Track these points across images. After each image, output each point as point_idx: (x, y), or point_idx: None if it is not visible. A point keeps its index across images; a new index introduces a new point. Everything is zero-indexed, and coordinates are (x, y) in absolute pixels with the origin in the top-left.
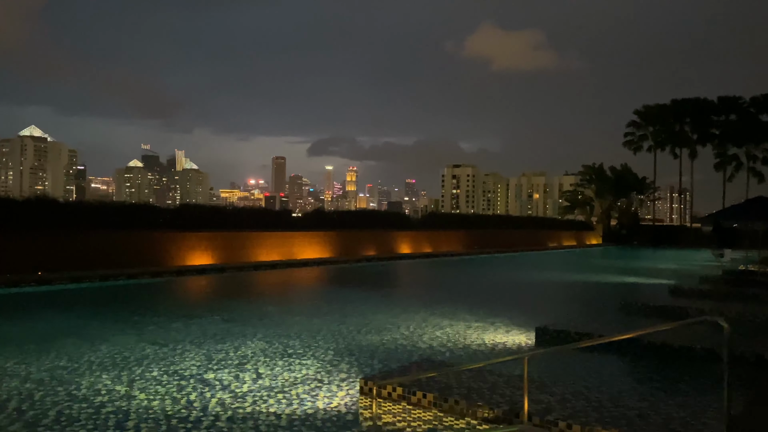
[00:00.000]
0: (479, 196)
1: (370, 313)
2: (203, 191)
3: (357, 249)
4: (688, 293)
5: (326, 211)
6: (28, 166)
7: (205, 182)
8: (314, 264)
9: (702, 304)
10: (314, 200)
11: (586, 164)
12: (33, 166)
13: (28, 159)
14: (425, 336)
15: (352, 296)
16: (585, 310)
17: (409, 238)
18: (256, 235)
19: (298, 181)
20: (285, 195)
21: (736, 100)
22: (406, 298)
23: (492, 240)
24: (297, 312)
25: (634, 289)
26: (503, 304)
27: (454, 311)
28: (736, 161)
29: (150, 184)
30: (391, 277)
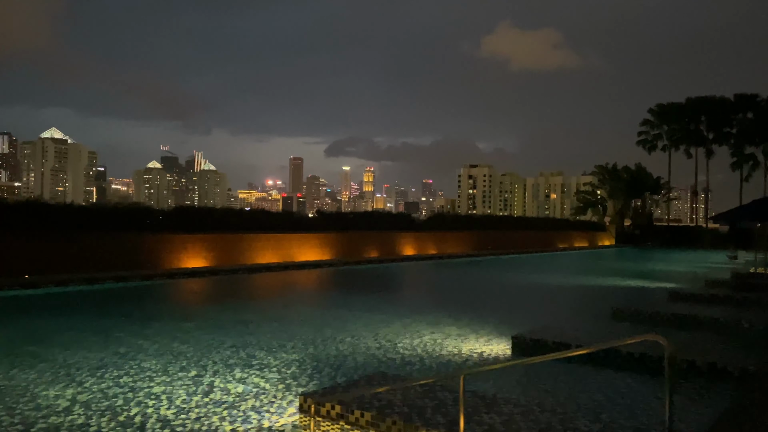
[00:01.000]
0: (496, 197)
1: (351, 320)
2: (221, 192)
3: (359, 251)
4: (688, 298)
5: (327, 213)
6: (49, 167)
7: (222, 183)
8: (312, 266)
9: (698, 310)
10: (331, 201)
11: (599, 164)
12: (54, 167)
13: (48, 161)
14: (400, 345)
15: (338, 301)
16: (575, 316)
17: (413, 239)
18: (253, 237)
19: (315, 181)
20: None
21: (754, 97)
22: (393, 304)
23: (500, 241)
24: (275, 318)
25: (635, 293)
26: (492, 310)
27: (438, 318)
28: (753, 160)
29: (169, 185)
30: (387, 280)
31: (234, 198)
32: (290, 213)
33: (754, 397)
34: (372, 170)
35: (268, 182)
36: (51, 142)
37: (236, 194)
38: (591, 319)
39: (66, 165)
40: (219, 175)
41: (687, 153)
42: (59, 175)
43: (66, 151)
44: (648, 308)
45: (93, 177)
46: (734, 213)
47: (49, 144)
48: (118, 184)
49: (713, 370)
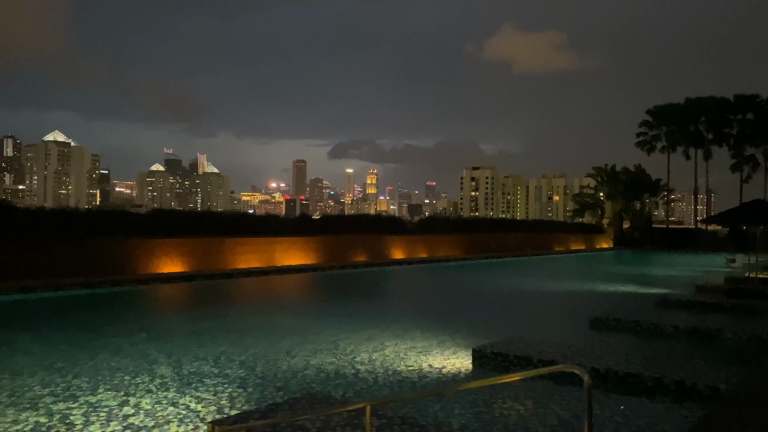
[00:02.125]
0: (498, 199)
1: (314, 331)
2: (224, 194)
3: (346, 255)
4: (675, 305)
5: (312, 216)
6: (52, 170)
7: (225, 185)
8: (294, 271)
9: (681, 318)
10: (334, 203)
11: (597, 165)
12: (57, 170)
13: (51, 164)
14: (358, 359)
15: (308, 309)
16: (552, 325)
17: (403, 242)
18: (234, 241)
19: (318, 184)
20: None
21: (754, 98)
22: (365, 312)
23: (494, 244)
24: (234, 328)
25: (622, 300)
26: (467, 318)
27: (408, 327)
28: (753, 162)
29: (172, 187)
30: (368, 285)
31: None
32: (274, 216)
33: (717, 421)
34: (375, 172)
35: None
36: (54, 145)
37: (239, 197)
38: (567, 329)
39: (69, 168)
40: (222, 177)
41: (686, 154)
42: (62, 178)
43: (69, 154)
44: (628, 316)
45: (96, 180)
46: (724, 215)
47: (52, 147)
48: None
49: (681, 388)
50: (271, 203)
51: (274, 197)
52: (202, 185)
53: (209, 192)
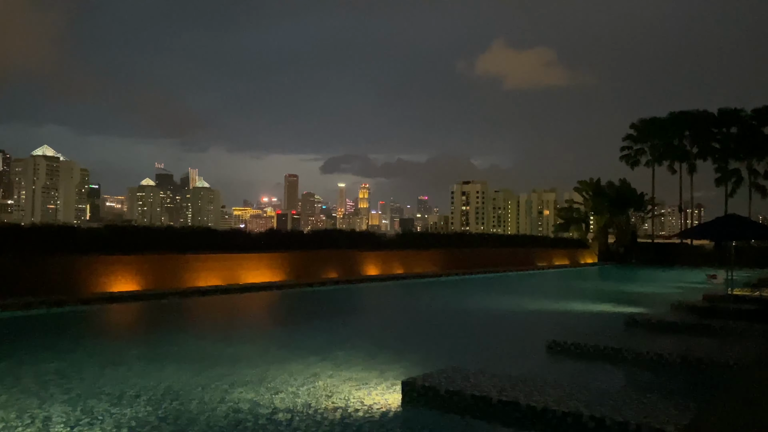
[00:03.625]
0: (489, 213)
1: (248, 359)
2: (215, 209)
3: (317, 271)
4: (645, 326)
5: (282, 231)
6: (41, 185)
7: (216, 200)
8: (257, 289)
9: (646, 342)
10: (326, 217)
11: (582, 179)
12: (45, 185)
13: (40, 179)
14: (281, 396)
15: (252, 333)
16: (507, 350)
17: (378, 258)
18: (194, 257)
19: (310, 198)
20: (297, 212)
21: (737, 112)
22: (313, 336)
23: (475, 260)
24: (160, 356)
25: (591, 320)
26: (419, 343)
27: (353, 354)
28: (737, 176)
29: (162, 202)
30: (329, 305)
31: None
32: (240, 231)
33: None
34: (367, 187)
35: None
36: (43, 160)
37: (231, 211)
38: (522, 354)
39: (57, 182)
40: (213, 192)
41: (671, 168)
42: (50, 193)
43: (58, 169)
44: (588, 341)
45: (85, 194)
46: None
47: (40, 161)
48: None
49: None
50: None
51: (266, 212)
52: (192, 200)
53: (200, 207)
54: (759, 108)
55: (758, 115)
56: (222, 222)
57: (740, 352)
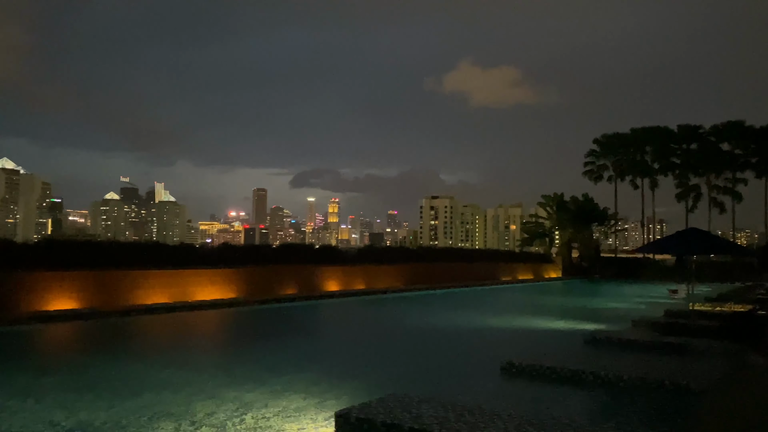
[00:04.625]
0: (457, 227)
1: (173, 388)
2: (181, 224)
3: (274, 287)
4: (605, 344)
5: (237, 245)
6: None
7: (182, 214)
8: (206, 307)
9: (602, 363)
10: (295, 232)
11: (546, 194)
12: (4, 198)
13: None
14: (203, 430)
15: (188, 356)
16: (459, 373)
17: (340, 273)
18: (142, 273)
19: (279, 212)
20: (265, 227)
21: (697, 128)
22: (254, 360)
23: (439, 274)
24: (72, 386)
25: (550, 338)
26: (367, 366)
27: (293, 381)
28: (697, 191)
29: (127, 216)
30: (280, 324)
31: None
32: (192, 246)
33: None
34: (337, 201)
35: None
36: (2, 173)
37: (197, 226)
38: (475, 377)
39: (17, 196)
40: (179, 206)
41: (633, 184)
42: (9, 207)
43: (17, 182)
44: (545, 361)
45: (47, 208)
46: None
47: None
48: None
49: None
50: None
51: (233, 226)
52: (158, 214)
53: (165, 221)
54: (717, 125)
55: (717, 132)
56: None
57: (702, 373)
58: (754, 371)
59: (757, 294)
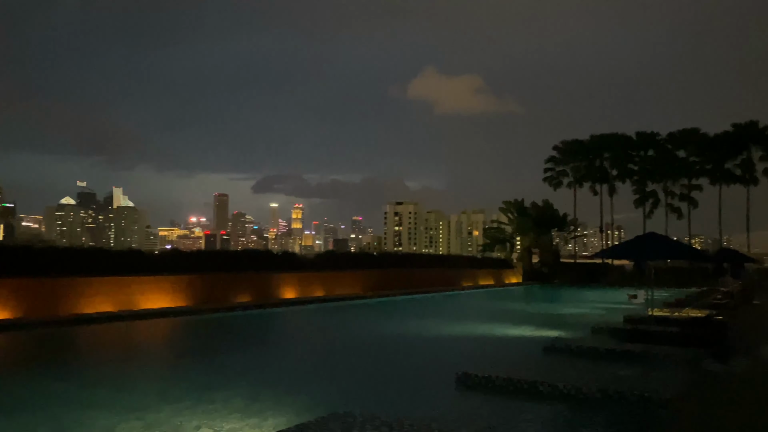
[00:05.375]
0: (421, 233)
1: (98, 408)
2: (139, 229)
3: (226, 295)
4: (564, 352)
5: (188, 251)
6: None
7: (141, 220)
8: (153, 316)
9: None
10: (258, 238)
11: (507, 200)
12: None
13: None
14: None
15: (121, 370)
16: (413, 386)
17: (297, 280)
18: (85, 281)
19: (241, 218)
20: (227, 233)
21: (654, 135)
22: (191, 373)
23: (400, 280)
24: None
25: (509, 346)
26: (314, 380)
27: (232, 396)
28: (655, 197)
29: (83, 222)
30: (228, 333)
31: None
32: (139, 251)
33: None
34: (301, 207)
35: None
36: None
37: (157, 232)
38: (429, 390)
39: None
40: (137, 211)
41: (593, 190)
42: None
43: None
44: (501, 372)
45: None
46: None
47: None
48: (30, 221)
49: None
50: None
51: (194, 232)
52: (116, 220)
53: (123, 227)
54: (674, 132)
55: (673, 139)
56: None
57: (664, 383)
58: (715, 380)
59: (713, 299)
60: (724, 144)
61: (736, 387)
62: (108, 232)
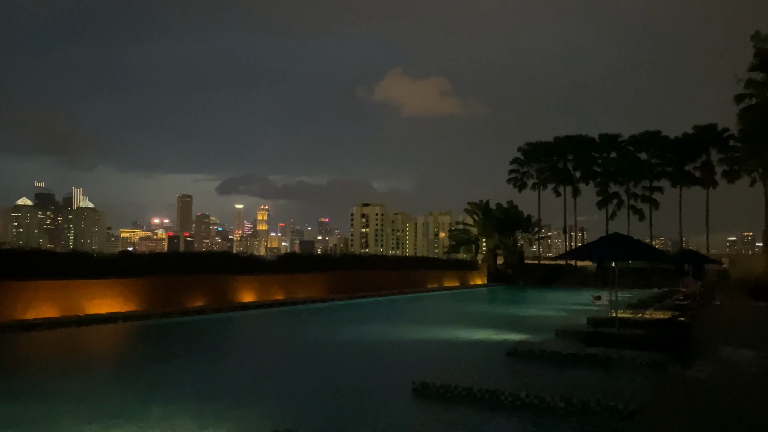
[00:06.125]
0: (388, 235)
1: (19, 426)
2: (100, 231)
3: (181, 299)
4: (528, 356)
5: (139, 253)
6: None
7: (101, 222)
8: (99, 321)
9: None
10: (222, 240)
11: (472, 201)
12: None
13: None
14: None
15: (51, 382)
16: (368, 395)
17: (256, 283)
18: (24, 285)
19: (205, 220)
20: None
21: (616, 138)
22: (127, 386)
23: (364, 282)
24: None
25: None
26: (263, 391)
27: (168, 412)
28: (617, 199)
29: (41, 223)
30: (175, 340)
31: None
32: (87, 253)
33: None
34: (267, 209)
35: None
36: None
37: (118, 233)
38: (383, 401)
39: None
40: (98, 213)
41: (556, 191)
42: None
43: None
44: (461, 380)
45: None
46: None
47: None
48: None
49: None
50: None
51: (157, 234)
52: (75, 221)
53: (83, 228)
54: (636, 134)
55: (635, 141)
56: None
57: (630, 391)
58: (682, 386)
59: (675, 300)
60: (684, 146)
61: (703, 394)
62: (67, 233)
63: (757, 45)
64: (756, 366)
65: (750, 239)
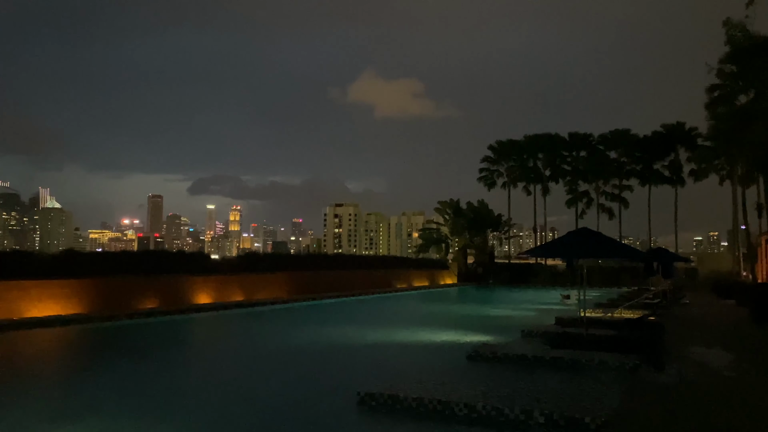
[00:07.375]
0: (362, 235)
1: None
2: (67, 232)
3: (129, 300)
4: (490, 360)
5: (84, 253)
6: None
7: (69, 222)
8: (36, 325)
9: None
10: (193, 240)
11: (442, 200)
12: None
13: None
14: None
15: None
16: (311, 407)
17: (214, 284)
18: None
19: (176, 220)
20: (161, 235)
21: (587, 137)
22: (41, 398)
23: (330, 282)
24: None
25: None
26: (201, 403)
27: (83, 428)
28: (587, 197)
29: (5, 224)
30: (113, 346)
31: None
32: (24, 252)
33: None
34: (239, 209)
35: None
36: None
37: (86, 234)
38: (325, 414)
39: None
40: (65, 213)
41: (526, 190)
42: None
43: None
44: (412, 390)
45: None
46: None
47: None
48: None
49: None
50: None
51: (126, 234)
52: (41, 222)
53: (50, 229)
54: (605, 133)
55: (605, 140)
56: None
57: (598, 401)
58: (654, 392)
59: (645, 299)
60: (653, 145)
61: (676, 402)
62: (33, 234)
63: (730, 32)
64: (729, 369)
65: (715, 239)
